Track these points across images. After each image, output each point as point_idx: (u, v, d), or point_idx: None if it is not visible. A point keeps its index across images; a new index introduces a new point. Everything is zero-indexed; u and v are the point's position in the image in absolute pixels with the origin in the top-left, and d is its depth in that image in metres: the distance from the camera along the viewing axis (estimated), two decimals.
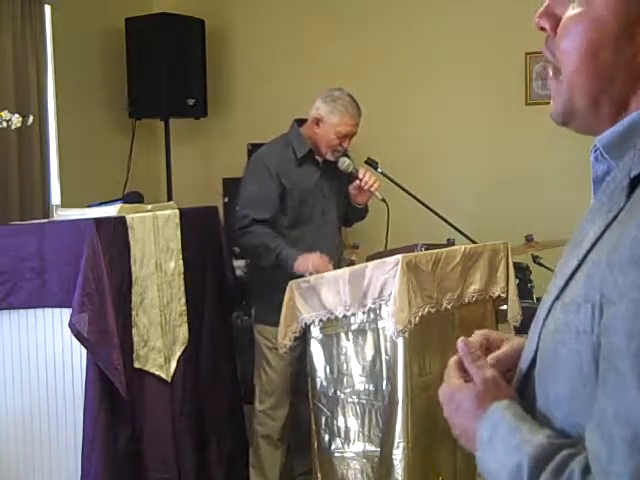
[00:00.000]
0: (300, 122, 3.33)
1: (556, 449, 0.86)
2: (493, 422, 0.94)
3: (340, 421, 2.79)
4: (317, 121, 3.21)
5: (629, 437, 0.78)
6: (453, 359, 1.08)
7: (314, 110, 3.23)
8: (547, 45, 0.99)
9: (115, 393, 2.58)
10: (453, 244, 3.24)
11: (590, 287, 0.85)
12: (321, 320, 2.80)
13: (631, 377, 0.78)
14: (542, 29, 0.99)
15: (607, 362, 0.82)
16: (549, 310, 0.93)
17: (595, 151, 0.97)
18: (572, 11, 0.95)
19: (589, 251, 0.89)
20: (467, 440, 1.00)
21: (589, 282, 0.85)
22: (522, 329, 3.01)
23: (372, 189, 3.19)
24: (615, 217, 0.88)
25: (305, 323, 2.83)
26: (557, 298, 0.92)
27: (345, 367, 2.77)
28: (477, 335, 1.14)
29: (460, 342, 1.05)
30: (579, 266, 0.90)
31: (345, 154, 3.28)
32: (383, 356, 2.67)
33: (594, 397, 0.83)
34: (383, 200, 3.22)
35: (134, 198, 3.36)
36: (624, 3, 0.90)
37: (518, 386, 1.01)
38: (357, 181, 3.21)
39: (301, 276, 2.90)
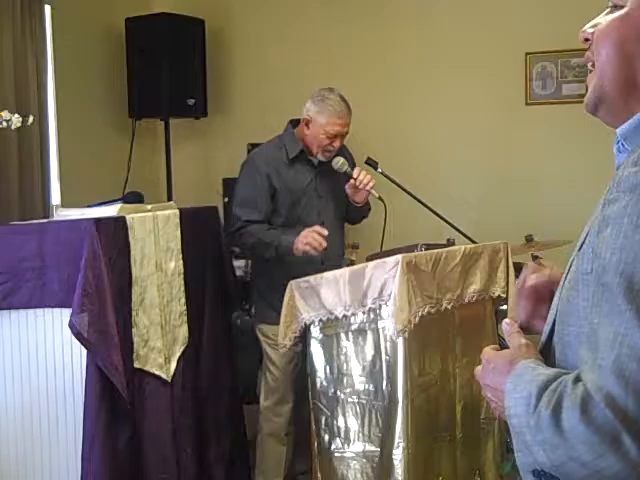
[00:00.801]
0: (295, 123, 3.34)
1: (559, 375, 0.97)
2: (518, 374, 1.04)
3: (340, 421, 2.79)
4: (307, 122, 3.23)
5: (610, 336, 0.89)
6: (488, 347, 1.22)
7: (304, 111, 3.25)
8: (590, 48, 1.10)
9: (115, 393, 2.58)
10: (453, 244, 3.24)
11: (591, 233, 0.97)
12: (321, 320, 2.80)
13: (612, 286, 0.90)
14: (586, 40, 1.11)
15: (595, 279, 0.93)
16: (571, 263, 1.05)
17: (617, 142, 1.07)
18: (611, 16, 1.07)
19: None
20: (496, 397, 1.10)
21: (592, 231, 0.97)
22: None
23: (367, 187, 3.19)
24: None
25: (305, 323, 2.83)
26: (578, 251, 1.04)
27: (345, 367, 2.77)
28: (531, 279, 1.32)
29: (504, 321, 1.22)
30: (590, 229, 1.01)
31: (344, 153, 3.28)
32: (383, 356, 2.67)
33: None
34: (380, 198, 3.22)
35: (134, 198, 3.36)
36: None
37: (542, 345, 1.13)
38: (352, 180, 3.21)
39: (301, 276, 2.90)
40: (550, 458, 0.93)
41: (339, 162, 3.23)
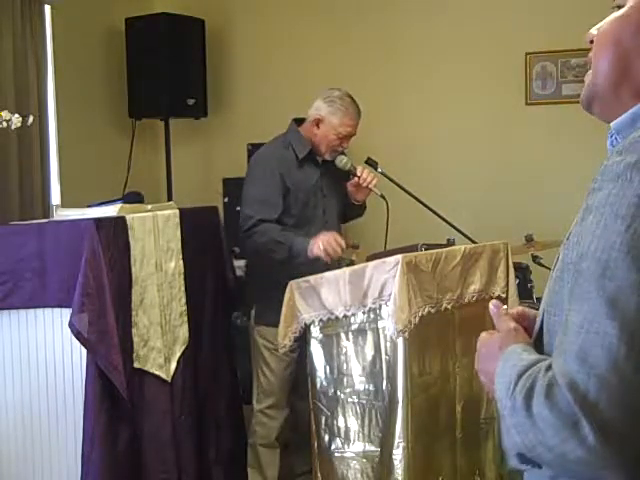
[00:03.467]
0: (298, 122, 3.33)
1: (539, 361, 0.98)
2: (505, 358, 1.05)
3: (340, 421, 2.79)
4: (317, 122, 3.21)
5: (579, 321, 0.90)
6: (484, 332, 1.23)
7: (314, 110, 3.23)
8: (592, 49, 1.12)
9: (115, 393, 2.58)
10: (453, 244, 3.24)
11: (577, 224, 0.98)
12: (321, 320, 2.80)
13: (589, 276, 0.91)
14: (591, 42, 1.12)
15: (574, 268, 0.94)
16: (558, 254, 1.06)
17: (611, 136, 1.08)
18: (613, 15, 1.08)
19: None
20: (489, 381, 1.10)
21: (580, 219, 0.97)
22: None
23: (371, 185, 3.19)
24: None
25: (305, 323, 2.83)
26: (566, 240, 1.04)
27: (345, 367, 2.77)
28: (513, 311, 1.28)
29: (491, 303, 1.21)
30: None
31: (342, 152, 3.28)
32: (383, 356, 2.67)
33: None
34: (382, 196, 3.22)
35: (134, 198, 3.36)
36: None
37: (535, 335, 1.13)
38: (355, 178, 3.21)
39: (302, 276, 2.90)
40: (523, 441, 0.95)
41: (343, 160, 3.23)
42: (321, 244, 2.97)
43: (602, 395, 0.86)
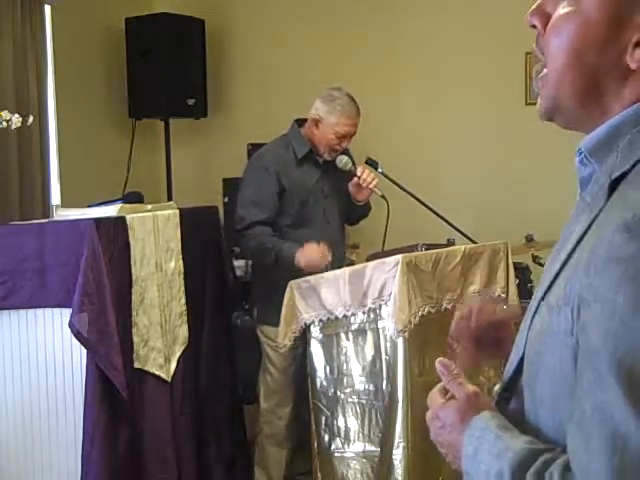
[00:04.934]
0: (300, 122, 3.33)
1: (536, 453, 0.87)
2: (477, 435, 0.95)
3: (340, 421, 2.79)
4: (316, 122, 3.22)
5: (608, 435, 0.78)
6: (436, 388, 1.09)
7: (313, 110, 3.24)
8: (537, 43, 1.00)
9: (115, 393, 2.58)
10: (453, 244, 3.24)
11: (570, 290, 0.86)
12: (321, 320, 2.80)
13: (609, 376, 0.79)
14: (533, 27, 1.00)
15: (585, 362, 0.83)
16: (536, 310, 0.95)
17: (580, 154, 0.98)
18: (562, 10, 0.95)
19: (571, 252, 0.91)
20: (454, 457, 1.01)
21: (570, 285, 0.87)
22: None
23: (371, 186, 3.19)
24: (595, 218, 0.89)
25: (305, 323, 2.83)
26: (542, 298, 0.94)
27: (345, 367, 2.77)
28: (465, 307, 1.21)
29: (438, 363, 1.06)
30: (562, 268, 0.92)
31: (345, 152, 3.28)
32: (383, 356, 2.67)
33: (574, 397, 0.85)
34: (383, 197, 3.22)
35: (134, 198, 3.35)
36: (614, 4, 0.91)
37: (506, 383, 1.02)
38: (355, 179, 3.21)
39: (302, 276, 2.90)
40: None
41: (343, 160, 3.23)
42: (307, 257, 2.98)
43: None
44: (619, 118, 0.92)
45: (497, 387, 1.06)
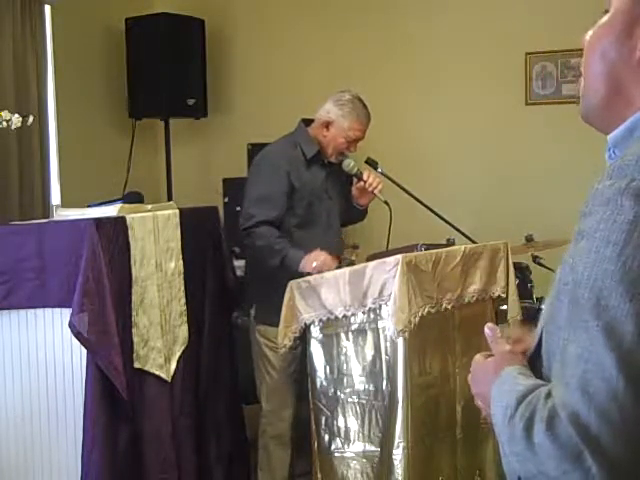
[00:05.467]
0: (306, 122, 3.31)
1: (536, 387, 0.96)
2: (501, 381, 1.05)
3: (340, 421, 2.79)
4: (327, 124, 3.20)
5: (578, 352, 0.89)
6: (480, 353, 1.22)
7: (324, 112, 3.21)
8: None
9: (115, 393, 2.58)
10: (453, 244, 3.24)
11: (571, 246, 0.97)
12: (321, 320, 2.80)
13: (584, 304, 0.90)
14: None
15: (570, 295, 0.93)
16: (557, 272, 1.04)
17: (609, 149, 1.06)
18: (600, 22, 1.06)
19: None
20: (486, 404, 1.09)
21: (573, 242, 0.97)
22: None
23: (376, 191, 3.19)
24: None
25: (305, 323, 2.83)
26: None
27: (345, 367, 2.77)
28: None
29: (487, 328, 1.20)
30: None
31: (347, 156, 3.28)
32: (383, 356, 2.67)
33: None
34: (386, 203, 3.21)
35: (134, 198, 3.36)
36: (630, 4, 1.01)
37: (531, 354, 1.11)
38: (361, 182, 3.20)
39: (302, 276, 2.90)
40: (523, 469, 0.94)
41: (350, 164, 3.22)
42: (314, 262, 2.95)
43: (604, 428, 0.86)
44: None
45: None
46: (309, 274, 2.91)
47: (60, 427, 2.68)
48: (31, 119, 3.23)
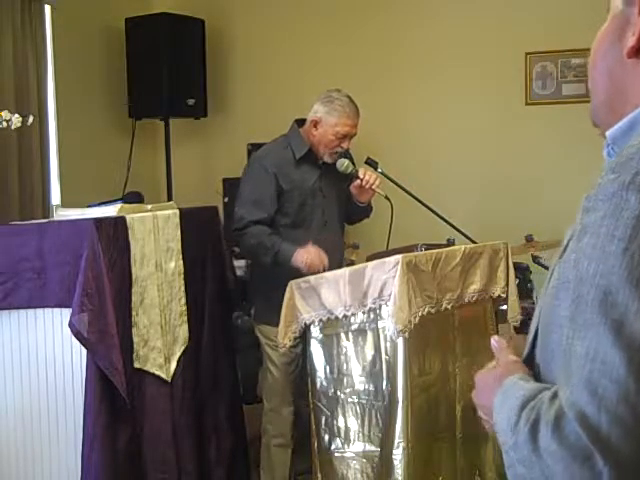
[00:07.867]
0: (300, 122, 3.33)
1: (540, 391, 0.94)
2: (504, 390, 1.03)
3: (340, 421, 2.79)
4: (315, 123, 3.21)
5: (584, 351, 0.86)
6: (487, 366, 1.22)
7: (312, 112, 3.24)
8: None
9: (115, 393, 2.58)
10: (453, 244, 3.24)
11: (573, 242, 0.95)
12: (321, 320, 2.80)
13: (590, 302, 0.87)
14: None
15: (574, 292, 0.90)
16: (552, 270, 1.03)
17: (607, 146, 1.05)
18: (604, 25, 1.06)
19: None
20: (488, 415, 1.08)
21: (573, 239, 0.95)
22: (522, 329, 3.02)
23: (374, 187, 3.19)
24: None
25: (305, 323, 2.83)
26: (560, 258, 1.01)
27: (345, 367, 2.77)
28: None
29: (493, 340, 1.20)
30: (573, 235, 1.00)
31: (346, 154, 3.28)
32: (383, 356, 2.67)
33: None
34: (386, 197, 3.22)
35: (134, 198, 3.36)
36: (621, 6, 1.01)
37: (526, 356, 1.10)
38: (357, 181, 3.21)
39: (301, 276, 2.90)
40: (530, 475, 0.91)
41: (344, 164, 3.22)
42: (306, 259, 3.00)
43: (615, 429, 0.83)
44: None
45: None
46: (310, 274, 2.91)
47: (60, 427, 2.68)
48: (31, 119, 3.22)
